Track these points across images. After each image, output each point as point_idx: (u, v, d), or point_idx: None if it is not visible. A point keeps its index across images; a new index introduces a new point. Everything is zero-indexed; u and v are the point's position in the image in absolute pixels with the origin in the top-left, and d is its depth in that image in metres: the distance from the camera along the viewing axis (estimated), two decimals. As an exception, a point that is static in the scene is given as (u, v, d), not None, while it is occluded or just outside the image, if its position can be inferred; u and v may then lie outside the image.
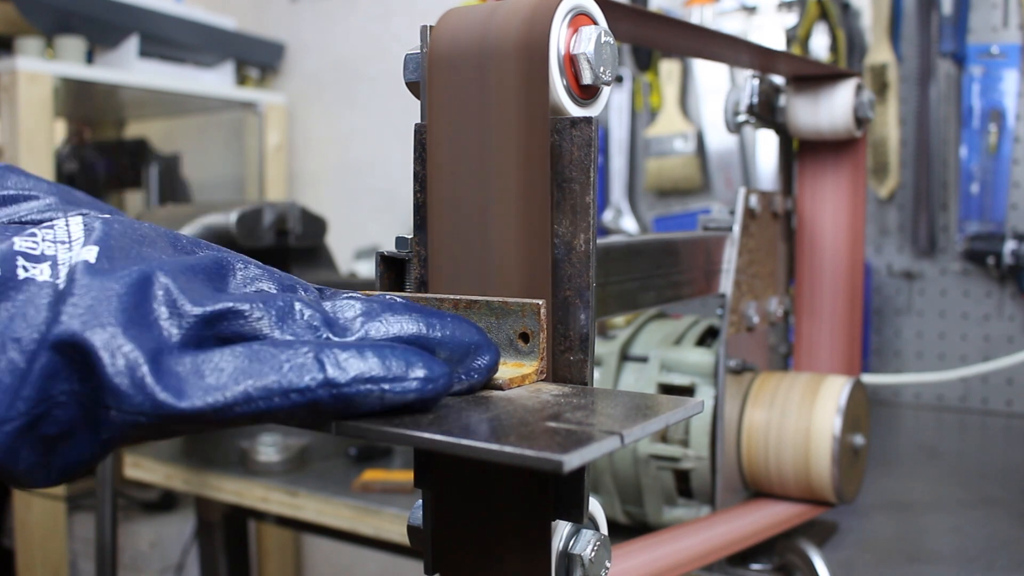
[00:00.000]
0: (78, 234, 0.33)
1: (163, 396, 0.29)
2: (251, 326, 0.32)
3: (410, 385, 0.32)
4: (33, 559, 1.54)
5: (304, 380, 0.30)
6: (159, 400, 0.29)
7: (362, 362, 0.31)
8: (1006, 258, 1.20)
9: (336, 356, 0.31)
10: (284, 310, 0.33)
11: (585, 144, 0.38)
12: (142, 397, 0.29)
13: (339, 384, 0.31)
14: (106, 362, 0.29)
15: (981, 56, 1.25)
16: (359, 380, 0.31)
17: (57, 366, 0.29)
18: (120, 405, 0.29)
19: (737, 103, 0.69)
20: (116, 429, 0.30)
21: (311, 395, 0.30)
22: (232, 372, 0.30)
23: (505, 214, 0.39)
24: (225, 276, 0.34)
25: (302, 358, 0.31)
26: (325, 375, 0.31)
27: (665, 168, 1.47)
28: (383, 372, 0.32)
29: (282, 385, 0.30)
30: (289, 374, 0.30)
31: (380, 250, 0.43)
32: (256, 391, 0.30)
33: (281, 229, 1.04)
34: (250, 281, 0.35)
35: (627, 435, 0.31)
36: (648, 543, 0.55)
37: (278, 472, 0.97)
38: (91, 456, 0.31)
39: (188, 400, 0.29)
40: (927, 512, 0.81)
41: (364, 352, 0.32)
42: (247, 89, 2.00)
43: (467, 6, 0.41)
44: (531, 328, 0.38)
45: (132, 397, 0.29)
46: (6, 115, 1.56)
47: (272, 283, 0.35)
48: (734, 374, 0.65)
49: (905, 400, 1.31)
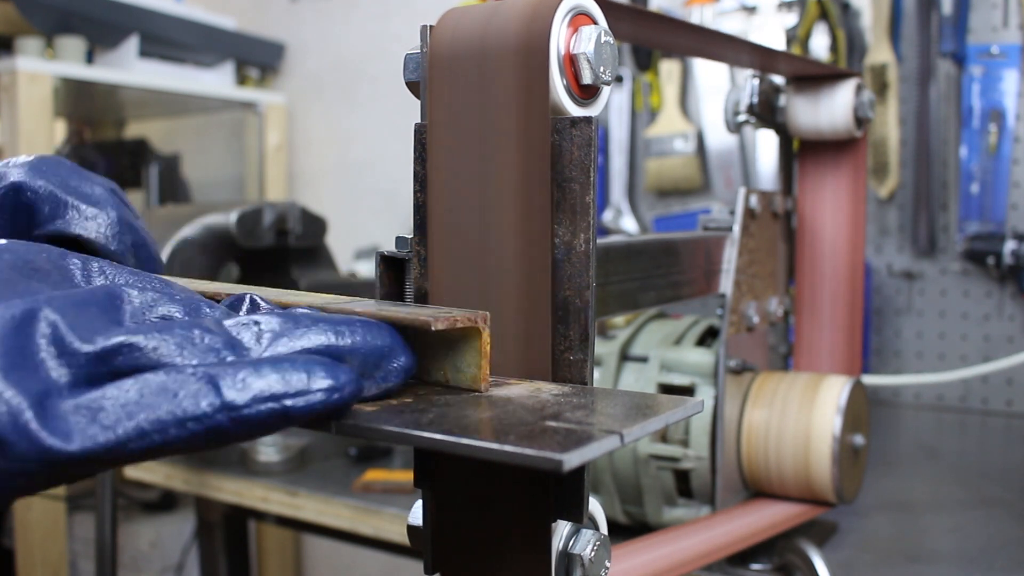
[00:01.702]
0: None
1: (50, 441, 0.27)
2: (147, 358, 0.30)
3: (315, 397, 0.31)
4: (33, 559, 1.54)
5: (201, 407, 0.29)
6: (46, 446, 0.27)
7: (260, 380, 0.30)
8: (1006, 258, 1.20)
9: (232, 377, 0.29)
10: (184, 336, 0.31)
11: (585, 144, 0.38)
12: (26, 444, 0.27)
13: (238, 407, 0.29)
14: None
15: (981, 56, 1.25)
16: (259, 399, 0.29)
17: None
18: (5, 454, 0.27)
19: (737, 103, 0.69)
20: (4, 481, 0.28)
21: (209, 422, 0.29)
22: (123, 407, 0.28)
23: (505, 214, 0.39)
24: (119, 307, 0.32)
25: (196, 384, 0.29)
26: (222, 399, 0.29)
27: (665, 168, 1.47)
28: (283, 388, 0.30)
29: (176, 415, 0.28)
30: (184, 402, 0.29)
31: (380, 250, 0.43)
32: (150, 424, 0.28)
33: (281, 229, 1.04)
34: (149, 307, 0.33)
35: (627, 434, 0.31)
36: (648, 543, 0.55)
37: (278, 472, 0.97)
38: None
39: (77, 442, 0.27)
40: (927, 512, 0.81)
41: (261, 369, 0.30)
42: (247, 89, 2.00)
43: (467, 6, 0.41)
44: None
45: (15, 445, 0.27)
46: (6, 115, 1.56)
47: (173, 306, 0.34)
48: (734, 374, 0.65)
49: (905, 400, 1.31)
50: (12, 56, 1.58)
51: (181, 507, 1.87)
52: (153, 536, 1.79)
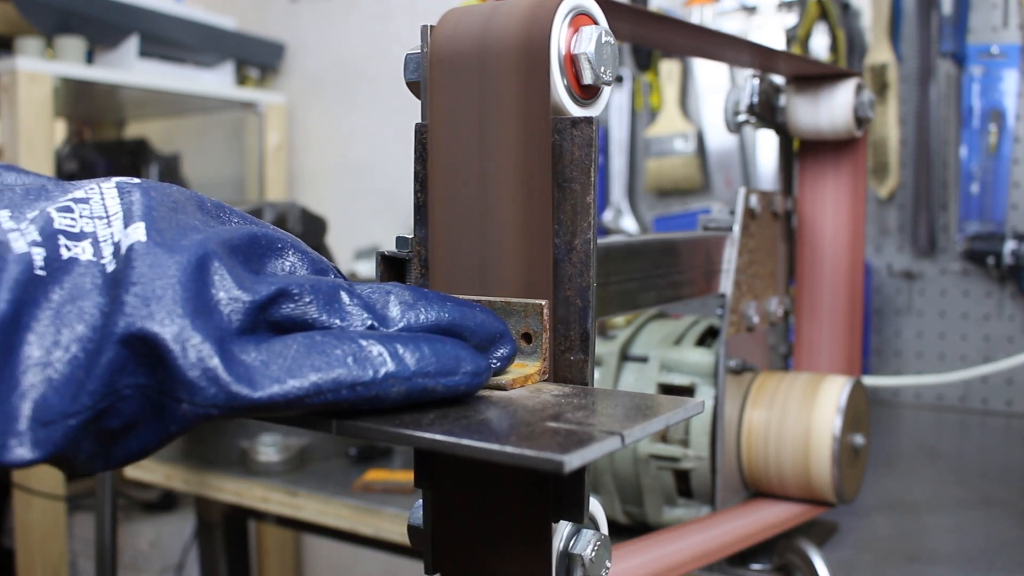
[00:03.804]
0: (115, 208, 0.32)
1: (237, 388, 0.29)
2: (300, 310, 0.32)
3: (461, 380, 0.33)
4: (33, 559, 1.54)
5: (369, 373, 0.31)
6: (233, 392, 0.29)
7: (420, 356, 0.32)
8: (1006, 258, 1.20)
9: (397, 349, 0.31)
10: (329, 295, 0.32)
11: (585, 144, 0.38)
12: (215, 389, 0.28)
13: (402, 378, 0.31)
14: (177, 355, 0.28)
15: (981, 56, 1.25)
16: (419, 374, 0.32)
17: (124, 359, 0.29)
18: (193, 398, 0.29)
19: (737, 103, 0.69)
20: (186, 421, 0.29)
21: (376, 388, 0.31)
22: (299, 362, 0.30)
23: (505, 214, 0.39)
24: (263, 255, 0.34)
25: (365, 351, 0.31)
26: (388, 369, 0.31)
27: (665, 168, 1.47)
28: (438, 366, 0.32)
29: (349, 379, 0.30)
30: (355, 368, 0.30)
31: (380, 250, 0.43)
32: (325, 383, 0.30)
33: (281, 229, 1.04)
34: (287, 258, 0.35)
35: (627, 435, 0.31)
36: (648, 543, 0.55)
37: (278, 472, 0.97)
38: (154, 446, 0.31)
39: (262, 390, 0.29)
40: (927, 512, 0.81)
41: (420, 345, 0.32)
42: (247, 89, 2.00)
43: (467, 6, 0.41)
44: (534, 328, 0.38)
45: (205, 390, 0.28)
46: (6, 115, 1.56)
47: (303, 260, 0.35)
48: (734, 374, 0.65)
49: (905, 400, 1.31)
50: (12, 56, 1.58)
51: (181, 507, 1.87)
52: (153, 536, 1.78)
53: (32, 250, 0.30)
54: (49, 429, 0.28)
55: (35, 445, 0.28)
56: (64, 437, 0.29)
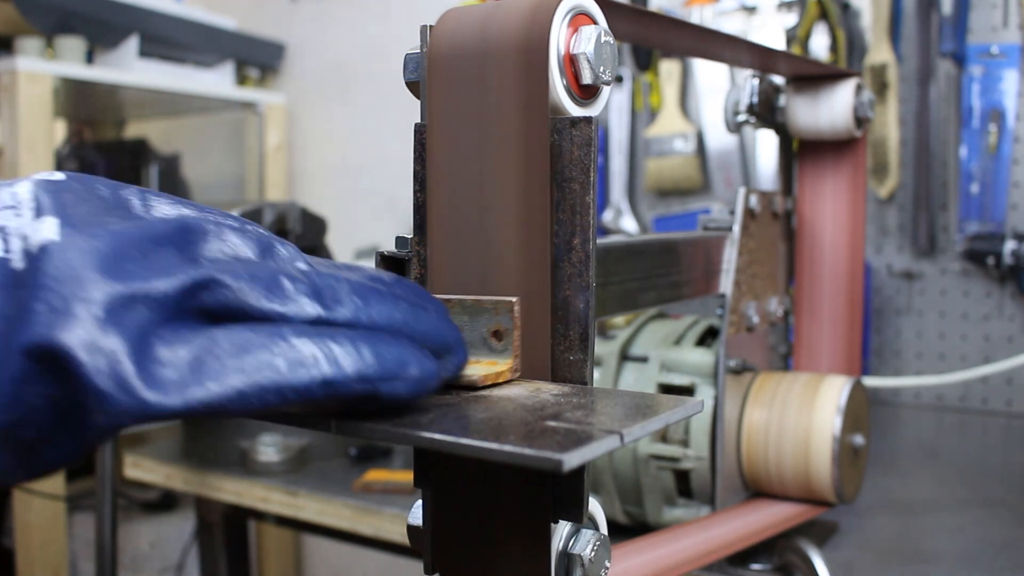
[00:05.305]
0: (25, 195, 0.30)
1: (149, 395, 0.26)
2: (233, 296, 0.29)
3: (402, 385, 0.31)
4: (33, 559, 1.54)
5: (301, 377, 0.28)
6: (145, 400, 0.26)
7: (359, 359, 0.30)
8: (1006, 258, 1.20)
9: (333, 351, 0.29)
10: (269, 280, 0.30)
11: (585, 144, 0.38)
12: (127, 398, 0.26)
13: (336, 383, 0.29)
14: (86, 364, 0.26)
15: (981, 56, 1.25)
16: (356, 379, 0.30)
17: (31, 371, 0.27)
18: (104, 407, 0.26)
19: (737, 103, 0.69)
20: (100, 431, 0.27)
21: (307, 393, 0.29)
22: (222, 364, 0.28)
23: (505, 214, 0.39)
24: (195, 241, 0.31)
25: (298, 353, 0.29)
26: (323, 374, 0.29)
27: (665, 168, 1.47)
28: (379, 371, 0.30)
29: (277, 383, 0.28)
30: (285, 371, 0.28)
31: (380, 250, 0.43)
32: (250, 388, 0.28)
33: (281, 229, 1.04)
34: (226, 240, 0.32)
35: (627, 434, 0.31)
36: (648, 543, 0.55)
37: (278, 472, 0.97)
38: (74, 455, 0.29)
39: (179, 396, 0.27)
40: (927, 512, 0.81)
41: (360, 348, 0.30)
42: (247, 89, 2.00)
43: (467, 6, 0.41)
44: (504, 325, 0.38)
45: (117, 399, 0.26)
46: (6, 115, 1.56)
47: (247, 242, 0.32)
48: (734, 374, 0.65)
49: (905, 400, 1.31)
50: (12, 56, 1.58)
51: (181, 507, 1.87)
52: (153, 536, 1.79)
53: None
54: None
55: None
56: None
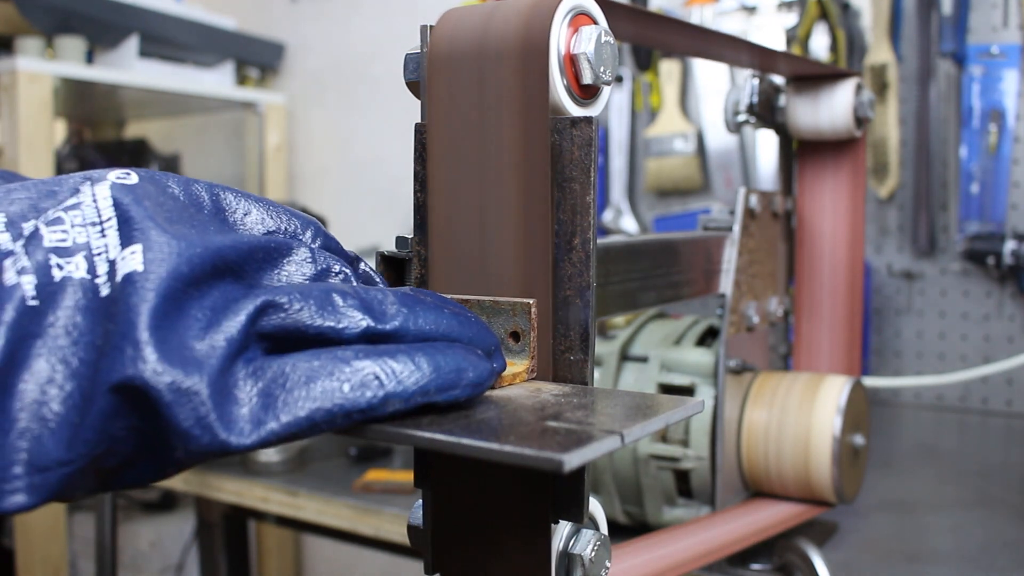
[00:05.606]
0: (108, 212, 0.30)
1: (228, 436, 0.28)
2: (292, 319, 0.31)
3: (462, 392, 0.32)
4: (33, 559, 1.54)
5: (366, 398, 0.30)
6: (224, 440, 0.28)
7: (418, 373, 0.31)
8: (1006, 258, 1.20)
9: (392, 368, 0.31)
10: (322, 299, 0.31)
11: (585, 144, 0.38)
12: (208, 438, 0.28)
13: (398, 398, 0.31)
14: (172, 405, 0.28)
15: (981, 56, 1.25)
16: (417, 393, 0.31)
17: (118, 405, 0.28)
18: (187, 446, 0.28)
19: (737, 103, 0.69)
20: (179, 464, 0.29)
21: (371, 413, 0.30)
22: (292, 395, 0.29)
23: (505, 214, 0.39)
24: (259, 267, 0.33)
25: (360, 375, 0.30)
26: (386, 392, 0.30)
27: (665, 168, 1.47)
28: (439, 382, 0.31)
29: (345, 408, 0.30)
30: (350, 394, 0.30)
31: (380, 250, 0.43)
32: (319, 415, 0.29)
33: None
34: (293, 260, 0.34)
35: (627, 434, 0.31)
36: (648, 543, 0.55)
37: (278, 472, 0.97)
38: (151, 480, 0.31)
39: (254, 434, 0.29)
40: (927, 512, 0.81)
41: (418, 361, 0.31)
42: (247, 89, 1.99)
43: (467, 6, 0.41)
44: (522, 327, 0.38)
45: (199, 439, 0.28)
46: (6, 115, 1.56)
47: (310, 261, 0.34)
48: (734, 374, 0.65)
49: (905, 400, 1.31)
50: (12, 56, 1.58)
51: (181, 507, 1.87)
52: (153, 536, 1.78)
53: (22, 279, 0.29)
54: (45, 475, 0.28)
55: (30, 491, 0.28)
56: (59, 482, 0.28)
